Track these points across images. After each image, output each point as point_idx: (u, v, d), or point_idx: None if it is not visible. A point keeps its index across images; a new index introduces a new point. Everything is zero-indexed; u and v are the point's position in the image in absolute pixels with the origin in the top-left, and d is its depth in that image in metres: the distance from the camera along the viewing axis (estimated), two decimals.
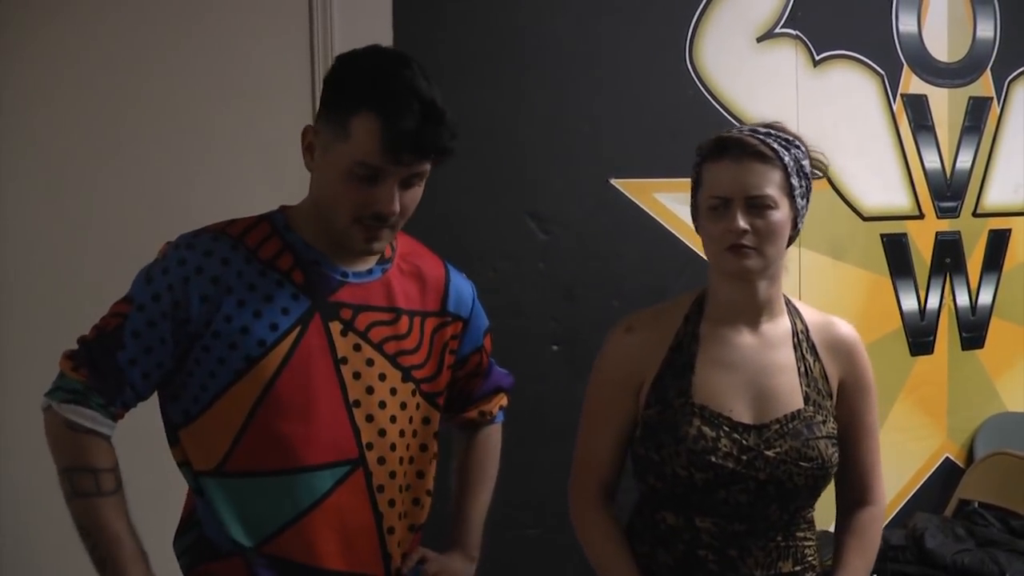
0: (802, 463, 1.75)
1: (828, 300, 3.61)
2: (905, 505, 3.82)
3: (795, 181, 1.76)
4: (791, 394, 1.80)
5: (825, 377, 1.85)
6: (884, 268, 3.77)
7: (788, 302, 1.89)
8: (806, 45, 3.53)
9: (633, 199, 3.21)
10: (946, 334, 3.93)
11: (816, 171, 1.84)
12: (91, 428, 1.56)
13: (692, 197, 1.85)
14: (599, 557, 1.87)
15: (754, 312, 1.83)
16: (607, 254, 3.18)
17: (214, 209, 1.85)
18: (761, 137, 1.76)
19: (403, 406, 1.69)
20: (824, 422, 1.81)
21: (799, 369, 1.83)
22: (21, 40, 2.48)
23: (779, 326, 1.85)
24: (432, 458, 1.78)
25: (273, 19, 2.70)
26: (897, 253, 3.79)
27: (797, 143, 1.79)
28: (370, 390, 1.65)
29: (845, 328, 1.91)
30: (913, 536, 3.43)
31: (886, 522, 1.89)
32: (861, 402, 1.89)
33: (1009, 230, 4.08)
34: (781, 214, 1.75)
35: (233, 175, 2.62)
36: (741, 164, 1.74)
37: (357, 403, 1.64)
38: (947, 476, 3.92)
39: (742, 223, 1.72)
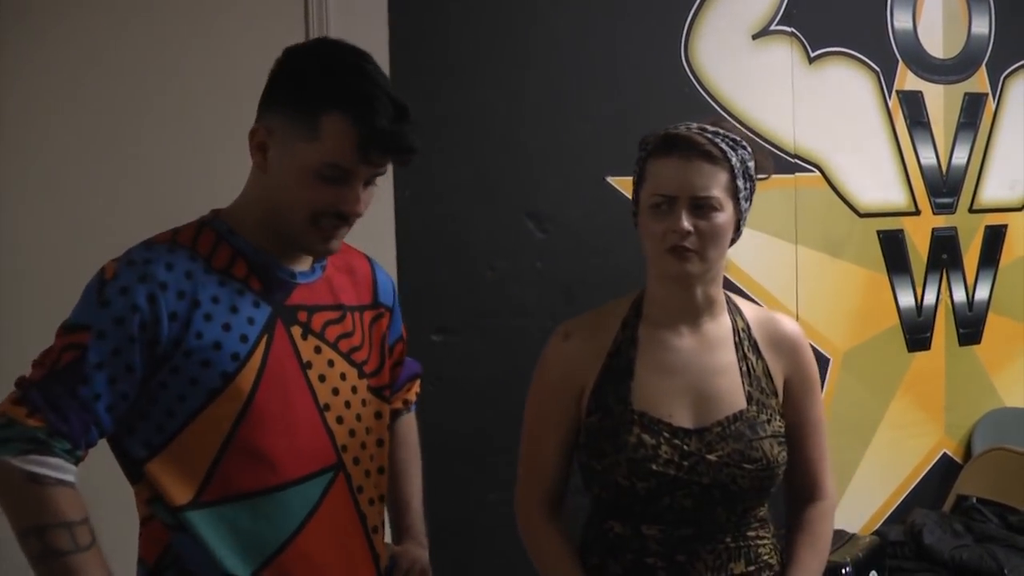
0: (745, 465, 1.72)
1: (825, 297, 3.62)
2: (903, 501, 3.83)
3: (740, 183, 1.72)
4: (733, 395, 1.76)
5: (769, 375, 1.81)
6: (881, 265, 3.77)
7: (729, 300, 1.85)
8: (801, 42, 3.53)
9: (630, 197, 3.21)
10: (943, 330, 3.94)
11: (760, 174, 1.79)
12: (59, 478, 1.40)
13: (634, 193, 1.80)
14: (545, 570, 1.83)
15: (693, 313, 1.79)
16: (605, 252, 3.17)
17: (204, 210, 1.85)
18: (709, 136, 1.70)
19: (364, 403, 1.67)
20: (769, 421, 1.77)
21: (741, 368, 1.79)
22: (19, 43, 2.47)
23: (720, 326, 1.81)
24: (386, 452, 1.75)
25: (269, 21, 2.69)
26: (894, 249, 3.79)
27: (743, 144, 1.74)
28: (335, 391, 1.62)
29: (788, 324, 1.87)
30: (911, 532, 3.44)
31: (884, 518, 1.87)
32: (806, 398, 1.85)
33: (1005, 226, 4.08)
34: (725, 216, 1.70)
35: (230, 178, 2.59)
36: (690, 163, 1.69)
37: (327, 407, 1.60)
38: (945, 472, 3.92)
39: (686, 224, 1.67)
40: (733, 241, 1.78)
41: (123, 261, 1.49)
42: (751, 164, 1.75)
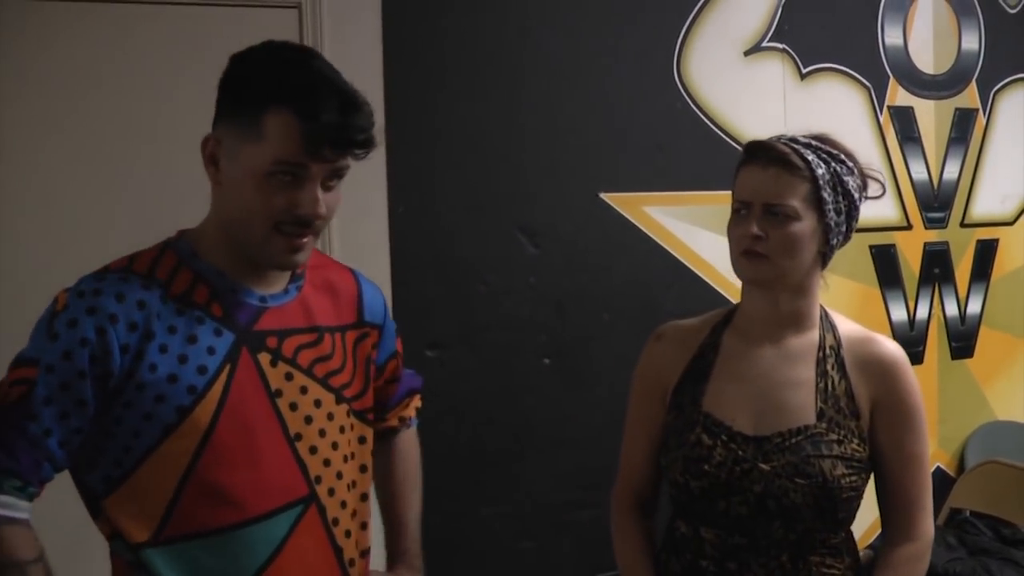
0: (798, 479, 1.69)
1: None
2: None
3: (827, 195, 1.70)
4: (802, 409, 1.74)
5: (851, 396, 1.75)
6: (873, 279, 3.78)
7: (825, 316, 1.83)
8: (793, 59, 3.55)
9: (623, 213, 3.23)
10: (935, 344, 3.95)
11: (867, 193, 1.79)
12: (9, 516, 1.37)
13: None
14: (621, 565, 1.88)
15: (777, 324, 1.78)
16: (598, 268, 3.19)
17: (198, 217, 1.85)
18: (796, 147, 1.71)
19: (341, 430, 1.57)
20: (840, 442, 1.72)
21: (818, 385, 1.75)
22: (14, 55, 2.49)
23: (805, 340, 1.79)
24: (370, 478, 1.68)
25: (262, 34, 2.70)
26: (886, 264, 3.81)
27: (843, 158, 1.73)
28: (308, 420, 1.52)
29: (886, 346, 1.80)
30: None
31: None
32: (899, 427, 1.76)
33: (997, 240, 4.10)
34: (802, 226, 1.70)
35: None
36: (766, 170, 1.71)
37: (299, 436, 1.51)
38: (938, 485, 3.90)
39: (755, 228, 1.70)
40: (825, 255, 1.78)
41: (73, 292, 1.42)
42: (849, 179, 1.73)
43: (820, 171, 1.70)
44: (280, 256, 1.46)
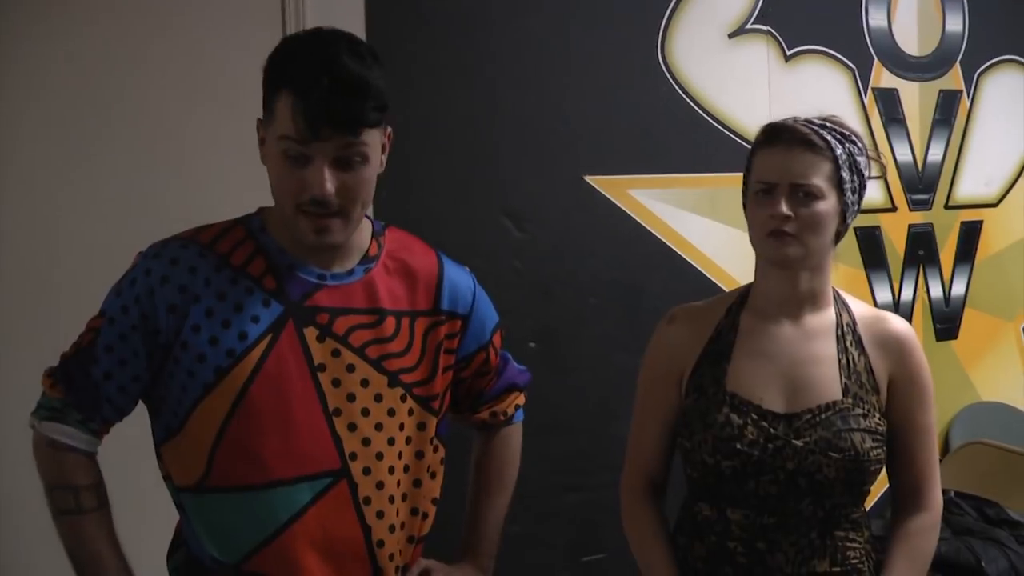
0: (832, 454, 1.72)
1: None
2: (883, 495, 3.84)
3: (845, 174, 1.75)
4: (828, 385, 1.78)
5: (870, 371, 1.81)
6: (858, 261, 3.79)
7: (837, 295, 1.87)
8: (777, 41, 3.55)
9: (608, 196, 3.22)
10: (920, 325, 3.96)
11: (872, 173, 1.83)
12: (71, 445, 1.54)
13: (744, 185, 1.84)
14: (638, 553, 1.88)
15: (796, 303, 1.81)
16: (583, 251, 3.18)
17: (188, 212, 1.84)
18: (815, 128, 1.75)
19: (391, 412, 1.61)
20: (865, 416, 1.76)
21: (840, 361, 1.79)
22: (14, 44, 2.47)
23: (823, 318, 1.83)
24: (433, 465, 1.71)
25: (245, 21, 2.69)
26: (871, 246, 3.82)
27: (854, 139, 1.78)
28: (351, 397, 1.57)
29: (897, 324, 1.86)
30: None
31: (867, 507, 1.87)
32: (912, 400, 1.82)
33: (981, 222, 4.11)
34: (827, 205, 1.74)
35: (207, 177, 2.61)
36: (791, 151, 1.73)
37: (337, 411, 1.56)
38: None
39: (784, 209, 1.72)
40: (840, 234, 1.80)
41: (141, 254, 1.57)
42: (861, 159, 1.78)
43: (839, 151, 1.74)
44: (308, 235, 1.52)
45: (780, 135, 1.76)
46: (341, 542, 1.58)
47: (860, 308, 1.88)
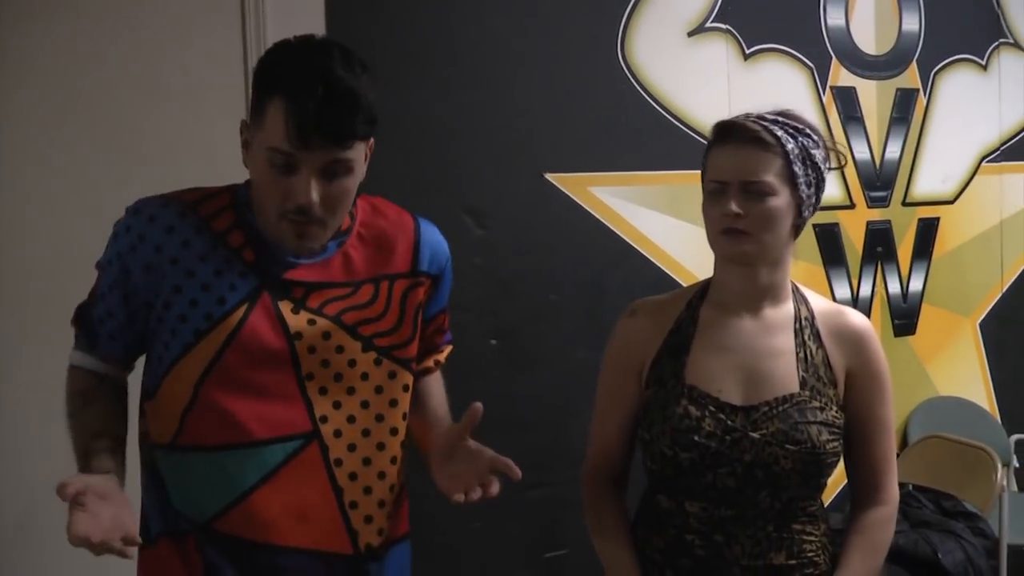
0: (788, 446, 1.73)
1: None
2: (842, 489, 3.88)
3: (798, 169, 1.75)
4: (786, 378, 1.79)
5: (828, 365, 1.82)
6: (817, 257, 3.83)
7: (796, 290, 1.89)
8: (736, 39, 3.57)
9: (568, 193, 3.23)
10: (879, 321, 4.00)
11: (831, 164, 1.84)
12: (76, 364, 1.66)
13: (702, 183, 1.85)
14: (598, 543, 1.88)
15: (755, 297, 1.83)
16: (543, 248, 3.19)
17: None
18: (766, 124, 1.76)
19: (364, 376, 1.65)
20: (822, 409, 1.78)
21: (798, 354, 1.81)
22: (16, 46, 2.46)
23: (782, 312, 1.84)
24: (402, 429, 1.73)
25: (205, 18, 2.68)
26: (829, 243, 3.85)
27: (808, 132, 1.78)
28: (325, 363, 1.61)
29: (855, 318, 1.88)
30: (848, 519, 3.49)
31: (827, 503, 1.88)
32: (870, 394, 1.84)
33: (938, 218, 4.16)
34: (779, 201, 1.75)
35: (167, 175, 2.57)
36: (741, 149, 1.75)
37: (310, 376, 1.60)
38: None
39: (734, 207, 1.73)
40: (798, 228, 1.82)
41: (126, 210, 1.62)
42: (816, 152, 1.78)
43: (790, 146, 1.75)
44: (289, 240, 1.57)
45: (731, 133, 1.77)
46: (312, 504, 1.61)
47: (819, 302, 1.89)
